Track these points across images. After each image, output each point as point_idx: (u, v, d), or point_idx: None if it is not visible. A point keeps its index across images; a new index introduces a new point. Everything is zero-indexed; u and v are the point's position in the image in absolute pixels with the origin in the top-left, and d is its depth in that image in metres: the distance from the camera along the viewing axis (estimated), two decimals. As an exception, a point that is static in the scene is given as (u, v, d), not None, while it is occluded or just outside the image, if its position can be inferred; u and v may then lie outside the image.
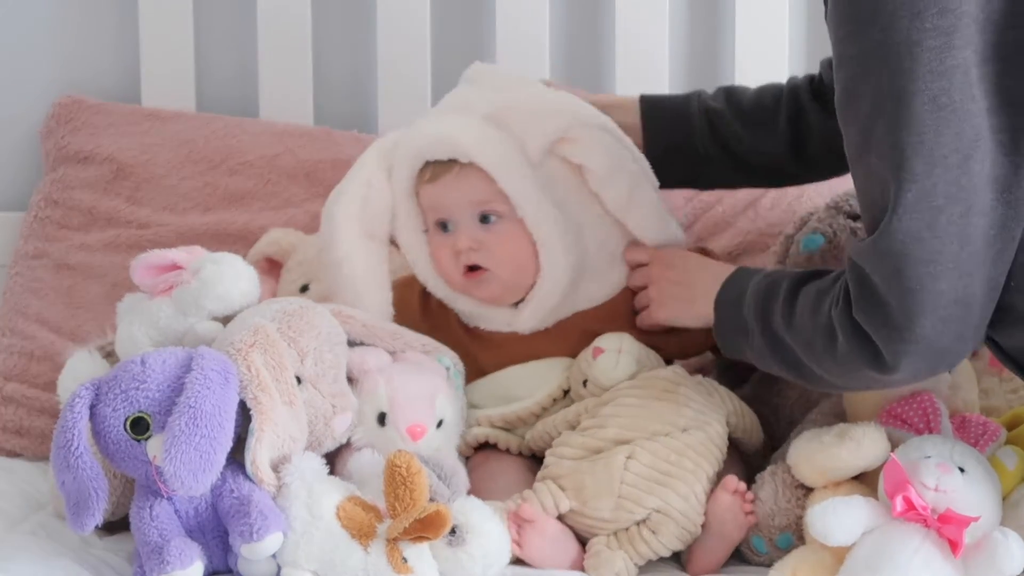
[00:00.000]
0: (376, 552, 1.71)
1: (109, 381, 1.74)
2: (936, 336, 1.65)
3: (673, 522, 1.85)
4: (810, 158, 2.10)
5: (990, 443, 1.83)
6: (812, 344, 1.75)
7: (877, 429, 1.83)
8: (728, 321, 1.88)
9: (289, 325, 1.85)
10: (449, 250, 1.99)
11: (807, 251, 2.14)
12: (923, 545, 1.71)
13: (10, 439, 2.28)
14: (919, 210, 1.63)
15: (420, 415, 1.89)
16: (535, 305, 1.99)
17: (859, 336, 1.69)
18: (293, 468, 1.76)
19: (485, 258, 1.98)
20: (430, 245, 2.03)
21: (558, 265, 1.97)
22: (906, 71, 1.62)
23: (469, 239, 1.98)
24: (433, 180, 1.99)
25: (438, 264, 2.02)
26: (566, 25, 2.52)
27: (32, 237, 2.42)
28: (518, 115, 1.99)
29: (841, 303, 1.71)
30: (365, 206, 2.02)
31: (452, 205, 1.98)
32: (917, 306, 1.64)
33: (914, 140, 1.62)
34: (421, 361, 1.95)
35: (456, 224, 1.99)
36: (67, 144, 2.45)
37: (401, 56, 2.49)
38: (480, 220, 1.98)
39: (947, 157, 1.62)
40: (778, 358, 1.81)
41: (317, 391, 1.84)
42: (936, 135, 1.62)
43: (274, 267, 2.18)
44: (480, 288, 2.00)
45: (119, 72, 2.53)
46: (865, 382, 1.76)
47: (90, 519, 1.69)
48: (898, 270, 1.64)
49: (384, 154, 2.05)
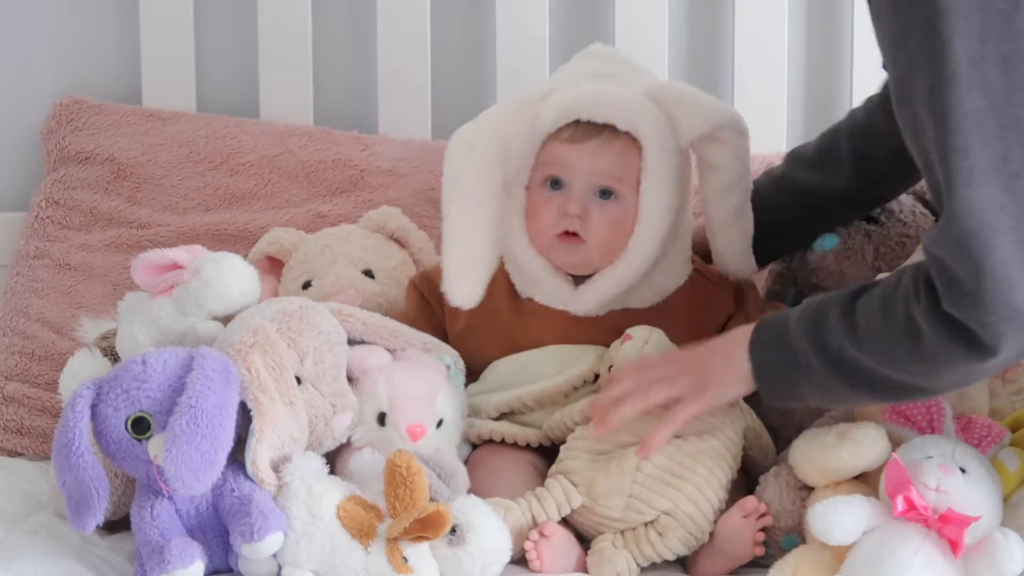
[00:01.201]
0: (376, 552, 1.71)
1: (110, 380, 1.74)
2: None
3: (681, 526, 1.84)
4: (882, 173, 2.07)
5: (993, 444, 1.82)
6: (892, 351, 1.69)
7: (877, 430, 1.83)
8: (772, 363, 1.79)
9: (289, 325, 1.85)
10: (556, 208, 1.96)
11: (821, 250, 2.14)
12: (923, 545, 1.72)
13: (11, 439, 2.28)
14: (995, 177, 1.58)
15: (420, 415, 1.89)
16: (602, 287, 1.97)
17: (952, 327, 1.63)
18: (293, 468, 1.76)
19: (587, 229, 1.96)
20: (532, 197, 1.99)
21: (646, 252, 1.96)
22: (976, 33, 1.58)
23: (581, 207, 1.96)
24: (574, 140, 1.96)
25: (534, 218, 1.98)
26: (566, 25, 2.52)
27: (33, 237, 2.42)
28: (679, 98, 1.98)
29: (924, 298, 1.65)
30: (508, 152, 1.98)
31: (583, 169, 1.96)
32: (1009, 277, 1.60)
33: (985, 104, 1.58)
34: (421, 359, 1.95)
35: (571, 187, 1.97)
36: (68, 144, 2.45)
37: (401, 56, 2.49)
38: (598, 194, 1.97)
39: (1021, 120, 1.59)
40: (847, 381, 1.74)
41: (317, 391, 1.84)
42: (1008, 97, 1.58)
43: (275, 266, 2.18)
44: (567, 254, 1.98)
45: (120, 72, 2.53)
46: (962, 375, 1.70)
47: (91, 518, 1.70)
48: (980, 244, 1.59)
49: (530, 102, 2.00)
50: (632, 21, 2.48)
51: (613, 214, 1.96)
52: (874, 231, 2.13)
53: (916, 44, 1.61)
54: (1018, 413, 1.93)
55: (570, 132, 1.96)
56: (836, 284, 2.12)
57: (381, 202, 2.25)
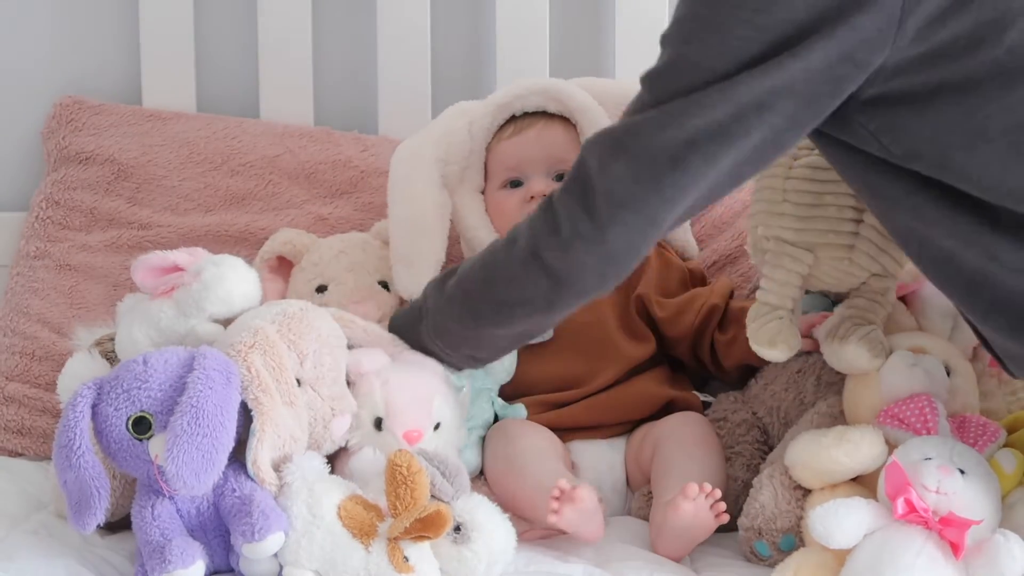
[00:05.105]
0: (377, 551, 1.71)
1: (111, 380, 1.74)
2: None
3: None
4: None
5: (989, 444, 1.83)
6: (512, 263, 1.81)
7: (875, 432, 1.83)
8: (402, 316, 1.97)
9: (289, 328, 1.85)
10: (518, 199, 2.09)
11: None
12: (925, 547, 1.71)
13: (11, 439, 2.28)
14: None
15: (416, 420, 1.89)
16: None
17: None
18: (294, 467, 1.76)
19: None
20: (492, 201, 2.12)
21: None
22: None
23: (542, 187, 2.07)
24: (516, 133, 2.08)
25: (500, 217, 2.11)
26: (566, 25, 2.52)
27: (33, 237, 2.42)
28: (604, 88, 2.13)
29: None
30: (448, 152, 2.12)
31: (532, 159, 2.06)
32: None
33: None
34: (420, 361, 1.95)
35: (528, 179, 2.09)
36: (68, 145, 2.45)
37: (401, 56, 2.49)
38: (555, 178, 2.08)
39: None
40: (457, 310, 1.88)
41: (316, 394, 1.84)
42: None
43: (284, 266, 2.18)
44: None
45: (120, 73, 2.53)
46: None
47: (92, 518, 1.70)
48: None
49: (464, 111, 2.14)
50: (632, 22, 2.48)
51: None
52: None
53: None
54: (1016, 415, 1.93)
55: (510, 129, 2.11)
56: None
57: (382, 203, 2.25)
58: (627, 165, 1.68)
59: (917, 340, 1.95)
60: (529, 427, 1.98)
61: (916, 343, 1.94)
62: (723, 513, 1.85)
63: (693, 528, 1.85)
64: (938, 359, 1.91)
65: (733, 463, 2.02)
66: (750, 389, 2.12)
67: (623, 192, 1.69)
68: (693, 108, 1.64)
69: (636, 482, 2.06)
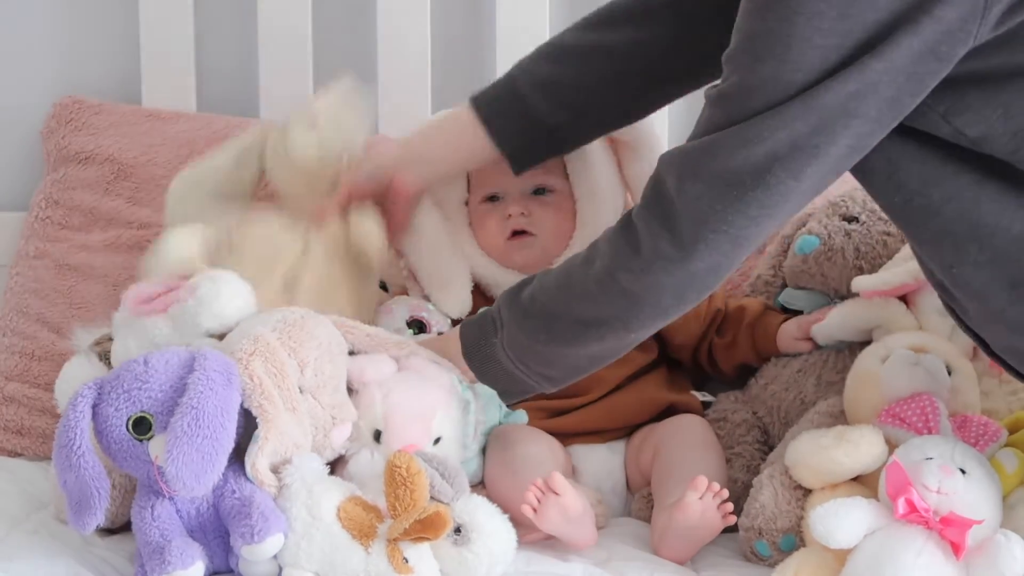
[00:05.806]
0: (377, 553, 1.71)
1: (112, 381, 1.74)
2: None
3: None
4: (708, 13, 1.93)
5: (990, 443, 1.83)
6: (588, 282, 1.77)
7: (875, 432, 1.83)
8: (471, 329, 1.90)
9: (290, 335, 1.84)
10: (498, 216, 2.11)
11: (801, 253, 2.13)
12: (926, 547, 1.71)
13: (11, 439, 2.28)
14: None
15: (415, 436, 1.87)
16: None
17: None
18: (293, 469, 1.76)
19: (534, 224, 2.10)
20: (474, 215, 2.13)
21: (596, 228, 1.98)
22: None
23: (521, 206, 2.09)
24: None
25: (482, 231, 2.12)
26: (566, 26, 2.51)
27: (33, 237, 2.42)
28: None
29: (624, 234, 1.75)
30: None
31: (506, 172, 2.05)
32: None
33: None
34: (427, 371, 1.92)
35: (506, 195, 2.11)
36: (68, 144, 2.45)
37: (401, 57, 2.49)
38: (533, 192, 2.10)
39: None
40: (533, 328, 1.82)
41: (317, 402, 1.83)
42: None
43: None
44: (522, 251, 2.11)
45: (120, 72, 2.53)
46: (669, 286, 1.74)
47: (92, 518, 1.70)
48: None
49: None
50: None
51: (553, 205, 2.11)
52: (854, 230, 2.12)
53: None
54: (1017, 414, 1.93)
55: None
56: (819, 286, 2.12)
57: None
58: (709, 185, 1.65)
59: (918, 339, 1.95)
60: (529, 433, 1.98)
61: (917, 342, 1.94)
62: (730, 514, 1.84)
63: (700, 528, 1.84)
64: (939, 358, 1.91)
65: (733, 464, 2.02)
66: (750, 389, 2.12)
67: (707, 212, 1.66)
68: (774, 123, 1.61)
69: (636, 484, 2.06)
